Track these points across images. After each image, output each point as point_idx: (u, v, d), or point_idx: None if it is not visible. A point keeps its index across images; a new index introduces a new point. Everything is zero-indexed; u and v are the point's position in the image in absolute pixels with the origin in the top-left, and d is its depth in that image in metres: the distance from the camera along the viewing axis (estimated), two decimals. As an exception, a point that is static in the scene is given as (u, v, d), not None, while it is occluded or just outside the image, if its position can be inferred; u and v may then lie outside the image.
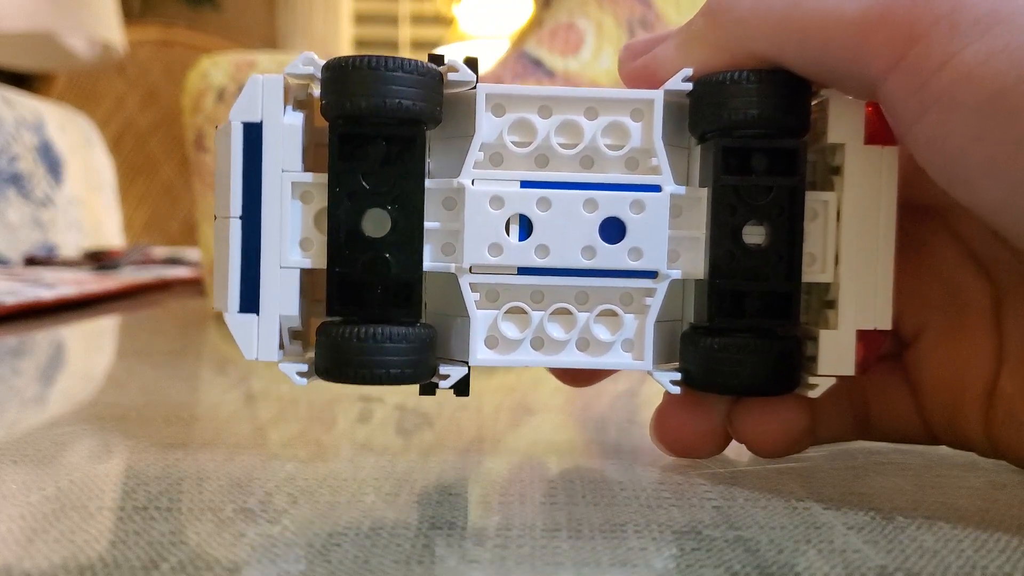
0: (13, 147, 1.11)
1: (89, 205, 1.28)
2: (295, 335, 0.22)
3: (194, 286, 0.90)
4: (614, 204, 0.21)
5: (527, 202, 0.21)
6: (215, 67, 0.63)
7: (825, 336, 0.21)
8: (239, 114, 0.21)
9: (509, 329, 0.21)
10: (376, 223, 0.21)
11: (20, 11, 1.30)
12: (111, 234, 1.36)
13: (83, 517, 0.19)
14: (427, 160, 0.21)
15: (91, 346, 0.54)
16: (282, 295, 0.21)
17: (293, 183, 0.21)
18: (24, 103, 1.18)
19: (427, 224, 0.21)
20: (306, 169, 0.21)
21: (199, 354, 0.50)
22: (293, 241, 0.21)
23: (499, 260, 0.21)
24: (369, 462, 0.24)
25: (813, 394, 0.22)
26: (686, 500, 0.21)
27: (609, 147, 0.21)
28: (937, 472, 0.23)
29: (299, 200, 0.21)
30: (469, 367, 0.21)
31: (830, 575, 0.16)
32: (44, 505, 0.20)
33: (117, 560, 0.16)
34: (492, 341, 0.21)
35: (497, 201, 0.21)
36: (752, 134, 0.21)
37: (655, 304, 0.21)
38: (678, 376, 0.22)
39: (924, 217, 0.23)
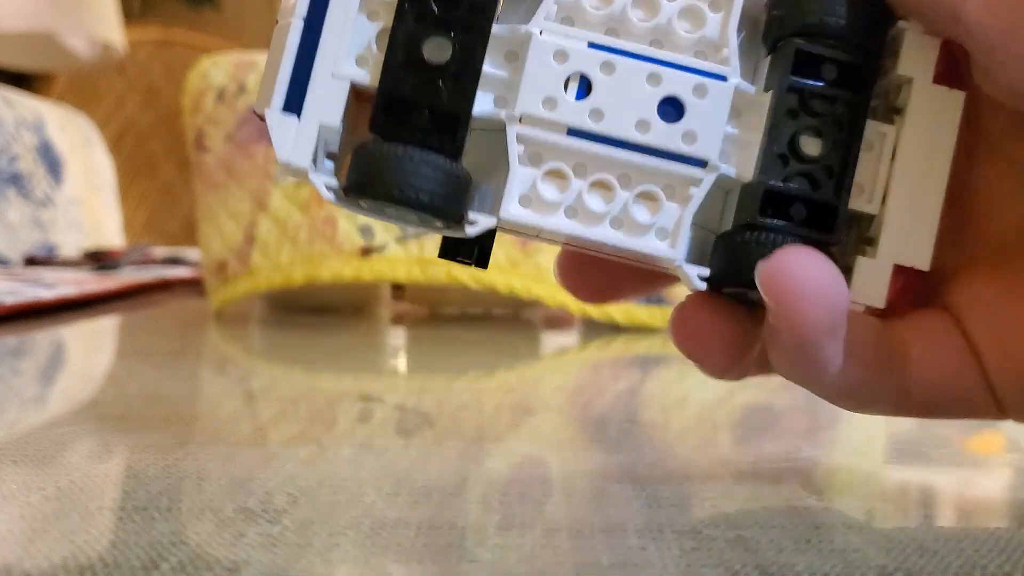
0: (13, 147, 1.11)
1: (89, 205, 1.28)
2: (329, 157, 0.22)
3: (194, 286, 0.90)
4: (678, 83, 0.21)
5: (591, 62, 0.21)
6: (215, 67, 0.63)
7: (861, 263, 0.21)
8: None
9: (547, 190, 0.21)
10: (437, 50, 0.20)
11: (20, 11, 1.30)
12: (111, 234, 1.36)
13: (83, 517, 0.19)
14: (498, 7, 0.21)
15: (91, 346, 0.54)
16: (328, 103, 0.21)
17: None
18: (24, 103, 1.18)
19: (487, 69, 0.21)
20: None
21: (199, 354, 0.50)
22: (351, 53, 0.21)
23: (552, 115, 0.21)
24: (369, 461, 0.24)
25: None
26: (686, 499, 0.21)
27: (683, 30, 0.21)
28: (937, 470, 0.24)
29: (365, 15, 0.21)
30: (499, 220, 0.21)
31: (830, 575, 0.16)
32: (44, 505, 0.20)
33: (117, 560, 0.16)
34: (526, 200, 0.21)
35: (561, 55, 0.21)
36: (829, 43, 0.21)
37: (699, 194, 0.21)
38: (707, 272, 0.21)
39: (977, 149, 0.21)
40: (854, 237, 0.22)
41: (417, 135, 0.20)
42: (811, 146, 0.21)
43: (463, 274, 0.54)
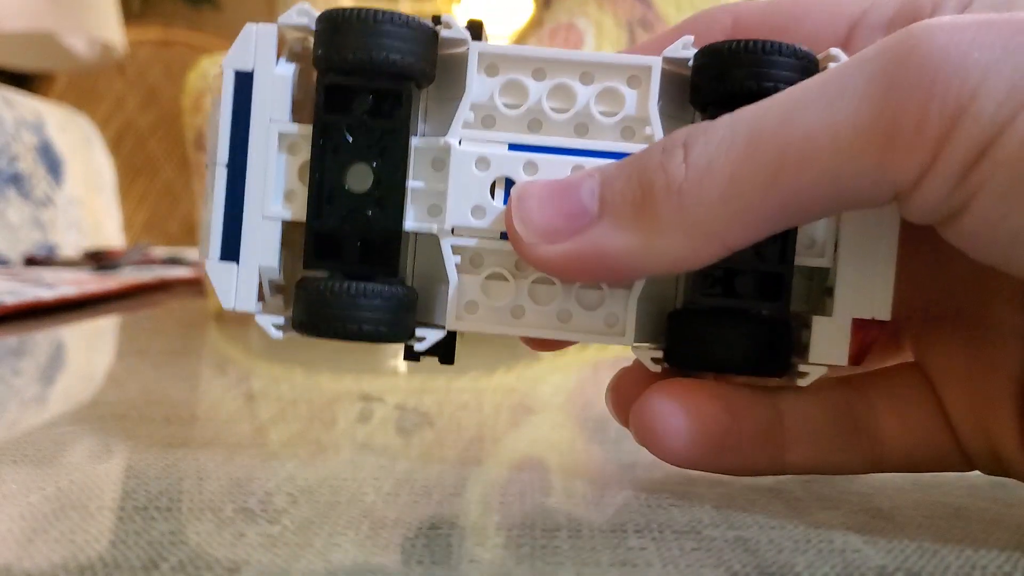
0: (13, 147, 1.11)
1: (89, 205, 1.28)
2: (276, 289, 0.22)
3: (194, 286, 0.90)
4: None
5: (514, 165, 0.20)
6: (215, 67, 0.63)
7: (819, 323, 0.20)
8: (232, 63, 0.21)
9: (489, 295, 0.21)
10: (359, 178, 0.20)
11: (20, 11, 1.30)
12: (111, 234, 1.36)
13: (83, 517, 0.19)
14: (422, 121, 0.21)
15: (91, 346, 0.54)
16: (263, 245, 0.21)
17: (280, 134, 0.21)
18: (24, 103, 1.18)
19: (413, 183, 0.21)
20: (297, 121, 0.21)
21: (199, 354, 0.50)
22: (277, 192, 0.21)
23: (481, 223, 0.20)
24: (369, 461, 0.24)
25: (803, 382, 0.20)
26: (686, 500, 0.21)
27: (603, 114, 0.21)
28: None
29: (285, 151, 0.21)
30: (447, 331, 0.21)
31: (830, 575, 0.16)
32: (44, 505, 0.20)
33: (117, 560, 0.16)
34: (472, 307, 0.21)
35: (483, 163, 0.20)
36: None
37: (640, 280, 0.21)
38: (660, 354, 0.21)
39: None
40: (815, 290, 0.21)
41: (352, 266, 0.20)
42: None
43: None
